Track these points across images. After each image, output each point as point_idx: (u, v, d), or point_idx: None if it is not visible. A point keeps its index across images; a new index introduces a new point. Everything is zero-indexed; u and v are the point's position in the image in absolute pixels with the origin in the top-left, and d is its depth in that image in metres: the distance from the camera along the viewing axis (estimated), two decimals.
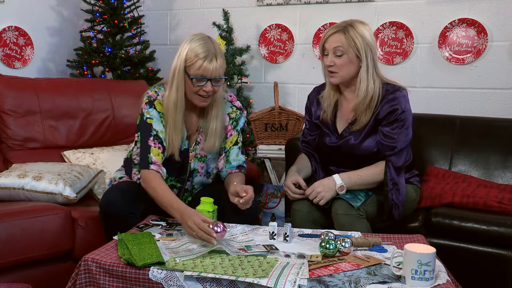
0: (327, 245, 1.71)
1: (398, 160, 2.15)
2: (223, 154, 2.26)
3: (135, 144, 2.21)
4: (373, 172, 2.16)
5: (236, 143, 2.27)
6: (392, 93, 2.17)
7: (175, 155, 2.12)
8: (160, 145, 2.08)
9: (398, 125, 2.15)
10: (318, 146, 2.35)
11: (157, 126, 2.09)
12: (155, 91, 2.14)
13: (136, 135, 2.18)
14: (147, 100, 2.12)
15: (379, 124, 2.18)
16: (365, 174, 2.15)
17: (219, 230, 1.73)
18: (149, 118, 2.10)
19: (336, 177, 2.13)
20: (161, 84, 2.19)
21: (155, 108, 2.10)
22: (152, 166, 2.04)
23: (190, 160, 2.19)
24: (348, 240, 1.74)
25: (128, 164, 2.32)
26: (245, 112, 2.31)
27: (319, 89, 2.38)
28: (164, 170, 2.08)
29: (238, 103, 2.29)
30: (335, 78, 2.19)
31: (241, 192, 2.00)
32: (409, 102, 2.20)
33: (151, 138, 2.07)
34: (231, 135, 2.26)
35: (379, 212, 2.18)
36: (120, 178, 2.31)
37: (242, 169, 2.28)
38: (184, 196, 2.25)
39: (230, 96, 2.28)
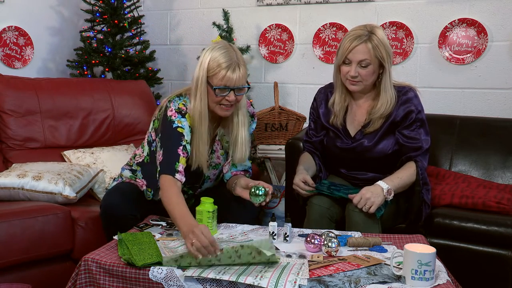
0: (257, 191, 1.88)
1: (424, 160, 2.15)
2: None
3: (151, 148, 2.17)
4: (409, 174, 2.13)
5: None
6: (404, 94, 2.18)
7: (204, 168, 2.06)
8: (187, 155, 1.99)
9: (417, 126, 2.16)
10: (327, 149, 2.34)
11: (187, 137, 2.01)
12: (183, 104, 2.04)
13: (157, 139, 2.09)
14: (178, 110, 2.02)
15: (396, 127, 2.18)
16: (404, 176, 2.12)
17: (316, 242, 1.76)
18: (180, 127, 1.99)
19: (380, 182, 2.07)
20: (185, 94, 2.09)
21: (187, 120, 2.02)
22: (177, 175, 1.93)
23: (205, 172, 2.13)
24: (335, 240, 1.73)
25: (147, 169, 2.22)
26: (256, 118, 2.27)
27: (325, 91, 2.35)
28: (184, 180, 1.97)
29: (251, 109, 2.24)
30: (357, 86, 2.17)
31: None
32: (420, 101, 2.21)
33: (181, 148, 1.97)
34: None
35: (404, 214, 2.18)
36: (132, 177, 2.25)
37: (247, 174, 2.25)
38: (191, 201, 2.24)
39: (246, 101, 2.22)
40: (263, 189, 1.93)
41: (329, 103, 2.29)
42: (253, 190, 1.93)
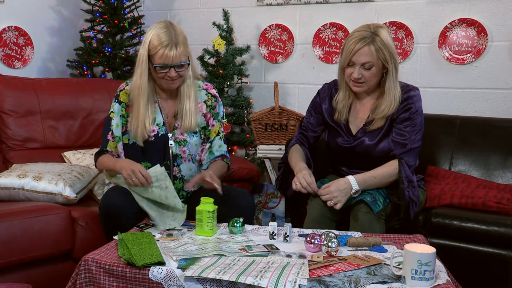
0: (235, 223, 1.93)
1: (410, 159, 2.15)
2: (207, 144, 2.29)
3: None
4: (387, 171, 2.14)
5: (218, 133, 2.31)
6: (406, 92, 2.18)
7: (138, 137, 2.18)
8: (115, 138, 2.22)
9: (411, 124, 2.15)
10: (328, 147, 2.34)
11: (116, 119, 2.22)
12: (126, 83, 2.26)
13: None
14: (116, 94, 2.25)
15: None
16: (379, 175, 2.14)
17: (316, 242, 1.76)
18: (112, 112, 2.23)
19: (352, 180, 2.09)
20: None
21: (118, 100, 2.23)
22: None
23: (170, 145, 2.22)
24: (335, 240, 1.73)
25: None
26: (220, 100, 2.34)
27: (330, 87, 2.35)
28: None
29: (213, 91, 2.32)
30: (361, 87, 2.17)
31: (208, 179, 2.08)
32: (421, 102, 2.21)
33: (110, 133, 2.22)
34: (213, 125, 2.30)
35: (394, 212, 2.18)
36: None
37: (225, 158, 2.31)
38: (174, 184, 2.25)
39: (206, 85, 2.33)
40: (239, 221, 1.97)
41: (333, 101, 2.29)
42: (231, 222, 1.96)
